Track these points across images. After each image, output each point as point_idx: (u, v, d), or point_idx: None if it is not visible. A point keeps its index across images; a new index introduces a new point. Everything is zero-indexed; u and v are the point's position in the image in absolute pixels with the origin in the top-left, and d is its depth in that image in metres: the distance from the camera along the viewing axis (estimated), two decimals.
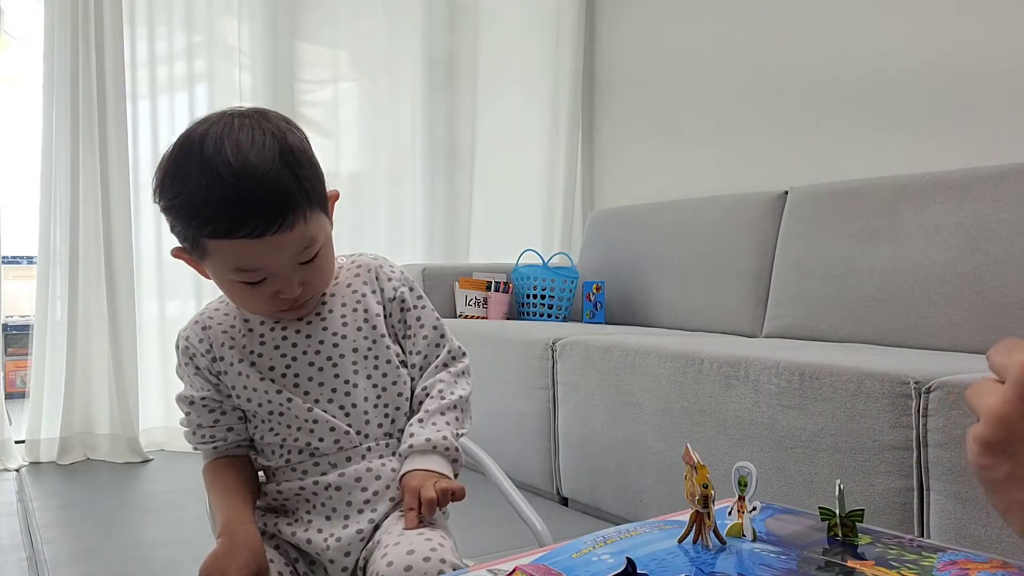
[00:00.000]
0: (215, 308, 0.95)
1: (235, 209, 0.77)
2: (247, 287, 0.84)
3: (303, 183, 0.82)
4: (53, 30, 2.56)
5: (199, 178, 0.78)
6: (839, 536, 0.70)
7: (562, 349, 2.08)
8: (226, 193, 0.77)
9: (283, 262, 0.82)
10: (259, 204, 0.78)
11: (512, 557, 0.70)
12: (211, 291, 2.87)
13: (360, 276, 0.95)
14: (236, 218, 0.78)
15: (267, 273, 0.82)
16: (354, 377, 0.89)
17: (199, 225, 0.80)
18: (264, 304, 0.86)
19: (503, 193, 3.40)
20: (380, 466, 0.88)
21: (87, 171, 2.58)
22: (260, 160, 0.79)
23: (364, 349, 0.91)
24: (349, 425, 0.88)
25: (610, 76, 3.42)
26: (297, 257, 0.83)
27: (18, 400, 3.07)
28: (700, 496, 0.67)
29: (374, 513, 0.86)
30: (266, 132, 0.81)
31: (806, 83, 2.57)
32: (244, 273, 0.82)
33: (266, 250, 0.80)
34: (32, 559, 1.75)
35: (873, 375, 1.38)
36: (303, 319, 0.91)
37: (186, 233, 0.83)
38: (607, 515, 1.97)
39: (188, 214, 0.81)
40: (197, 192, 0.78)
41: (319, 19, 3.03)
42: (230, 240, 0.79)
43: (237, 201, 0.77)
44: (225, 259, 0.81)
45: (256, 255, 0.80)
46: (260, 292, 0.84)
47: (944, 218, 1.96)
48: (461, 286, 2.84)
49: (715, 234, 2.56)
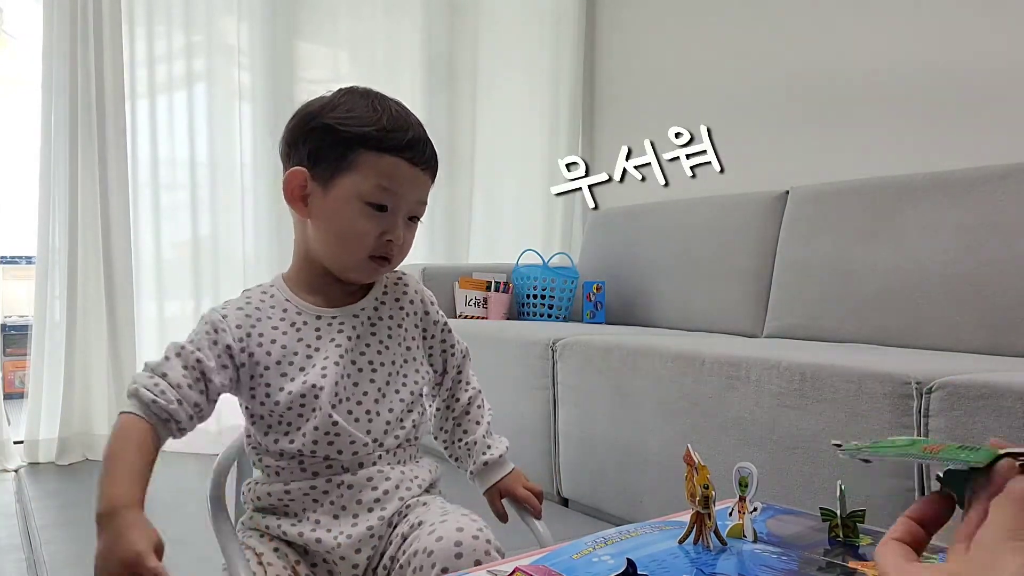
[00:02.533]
0: (261, 300, 0.91)
1: (413, 132, 0.89)
2: (368, 218, 0.87)
3: None
4: (52, 29, 2.55)
5: (381, 102, 0.90)
6: (840, 537, 0.70)
7: (562, 349, 2.08)
8: (405, 122, 0.89)
9: (411, 200, 0.90)
10: (425, 144, 0.90)
11: (512, 558, 0.69)
12: (211, 291, 2.89)
13: (408, 295, 0.99)
14: (414, 138, 0.88)
15: (396, 204, 0.88)
16: (386, 388, 0.92)
17: (378, 133, 0.87)
18: (371, 240, 0.88)
19: (503, 193, 3.40)
20: (390, 469, 0.90)
21: (86, 171, 2.58)
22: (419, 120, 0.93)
23: (400, 363, 0.94)
24: (368, 432, 0.89)
25: (610, 76, 3.42)
26: (418, 207, 0.91)
27: (17, 400, 3.06)
28: (701, 497, 0.67)
29: (384, 511, 0.87)
30: None
31: (807, 83, 2.57)
32: (384, 193, 0.87)
33: (413, 179, 0.89)
34: (31, 560, 1.74)
35: (874, 375, 1.38)
36: (358, 318, 0.93)
37: (345, 144, 0.87)
38: (607, 516, 1.97)
39: (359, 121, 0.87)
40: (380, 110, 0.89)
41: (319, 18, 3.02)
42: (395, 156, 0.87)
43: (413, 132, 0.89)
44: (373, 172, 0.87)
45: (405, 178, 0.88)
46: (375, 226, 0.88)
47: (945, 218, 1.96)
48: (461, 286, 2.83)
49: (716, 234, 2.56)
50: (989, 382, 1.23)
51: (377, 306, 0.95)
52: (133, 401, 0.80)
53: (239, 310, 0.90)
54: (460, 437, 1.02)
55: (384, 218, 0.88)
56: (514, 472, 1.01)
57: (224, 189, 2.83)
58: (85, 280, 2.60)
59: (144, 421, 0.79)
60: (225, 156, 2.83)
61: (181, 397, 0.81)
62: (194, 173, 2.81)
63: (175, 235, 2.81)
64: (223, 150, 2.84)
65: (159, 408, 0.79)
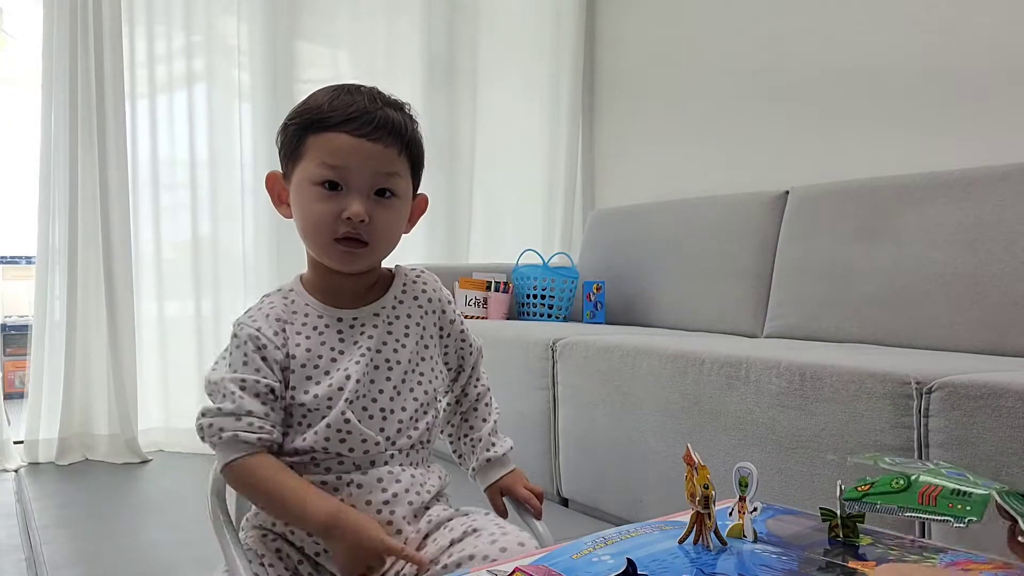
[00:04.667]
0: (284, 306, 0.91)
1: (350, 108, 0.86)
2: (321, 200, 0.86)
3: (412, 136, 0.91)
4: (52, 29, 2.55)
5: (338, 88, 0.89)
6: (840, 537, 0.70)
7: (562, 349, 2.08)
8: (350, 100, 0.87)
9: (364, 174, 0.87)
10: (372, 114, 0.87)
11: (512, 558, 0.69)
12: (211, 291, 2.89)
13: (427, 293, 0.99)
14: (357, 111, 0.86)
15: (345, 178, 0.86)
16: (401, 386, 0.91)
17: (312, 117, 0.87)
18: (330, 223, 0.86)
19: (503, 193, 3.39)
20: (401, 471, 0.89)
21: (86, 171, 2.58)
22: (388, 99, 0.91)
23: (416, 362, 0.93)
24: (382, 430, 0.88)
25: (610, 76, 3.42)
26: (377, 179, 0.87)
27: (17, 400, 3.06)
28: (701, 497, 0.67)
29: (392, 515, 0.86)
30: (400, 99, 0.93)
31: (807, 83, 2.57)
32: (329, 170, 0.86)
33: (358, 149, 0.86)
34: (31, 560, 1.74)
35: (874, 375, 1.38)
36: (379, 317, 0.93)
37: (295, 135, 0.88)
38: (607, 516, 1.97)
39: (307, 109, 0.88)
40: (326, 94, 0.89)
41: (319, 19, 3.02)
42: (332, 132, 0.86)
43: (357, 106, 0.87)
44: (317, 154, 0.86)
45: (348, 150, 0.86)
46: (332, 207, 0.86)
47: (945, 218, 1.96)
48: (461, 286, 2.83)
49: (716, 234, 2.56)
50: (989, 382, 1.23)
51: (395, 304, 0.95)
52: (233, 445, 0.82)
53: (268, 317, 0.89)
54: (466, 432, 1.02)
55: (338, 197, 0.86)
56: (515, 472, 1.01)
57: (224, 189, 2.83)
58: (85, 280, 2.60)
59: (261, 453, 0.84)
60: (225, 156, 2.83)
61: (273, 424, 0.85)
62: (194, 173, 2.81)
63: (175, 235, 2.81)
64: (223, 150, 2.84)
65: (266, 442, 0.84)
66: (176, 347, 2.80)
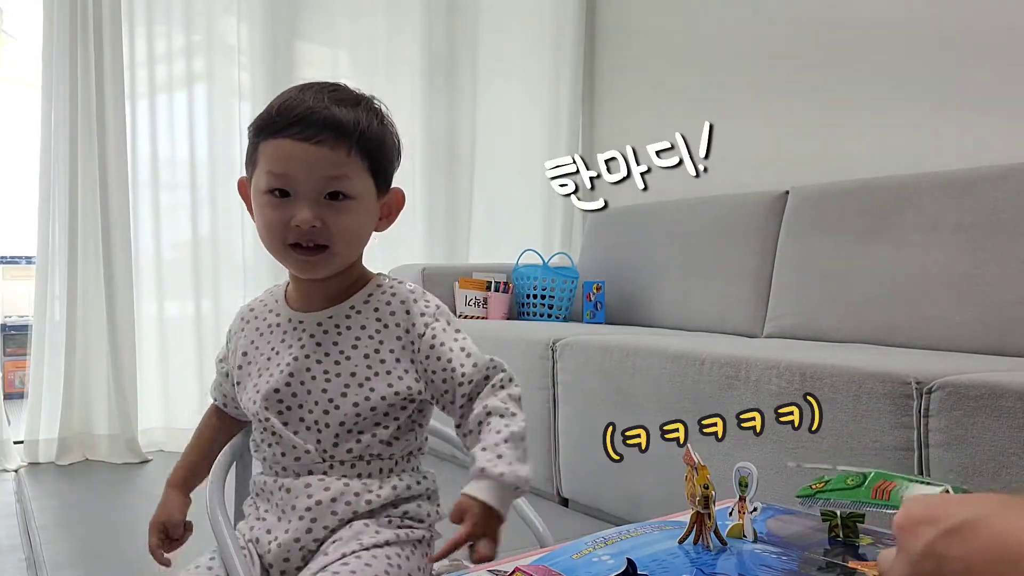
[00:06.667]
0: (262, 300, 0.98)
1: (295, 111, 0.83)
2: (272, 207, 0.84)
3: (367, 134, 0.85)
4: (52, 29, 2.55)
5: (294, 88, 0.87)
6: (840, 537, 0.70)
7: (562, 349, 2.08)
8: (299, 101, 0.84)
9: (311, 180, 0.83)
10: (316, 115, 0.83)
11: (512, 558, 0.69)
12: (211, 291, 2.89)
13: (391, 305, 0.90)
14: (292, 118, 0.83)
15: (292, 186, 0.84)
16: (340, 399, 0.86)
17: (262, 122, 0.85)
18: (280, 231, 0.84)
19: (503, 193, 3.39)
20: (334, 480, 0.86)
21: (86, 171, 2.58)
22: (343, 95, 0.86)
23: (362, 377, 0.87)
24: (318, 442, 0.86)
25: (610, 77, 3.42)
26: (326, 183, 0.84)
27: (17, 400, 3.06)
28: (701, 497, 0.67)
29: (314, 523, 0.84)
30: (363, 93, 0.89)
31: (807, 82, 2.57)
32: (275, 178, 0.84)
33: (302, 156, 0.82)
34: (31, 560, 1.74)
35: (874, 375, 1.38)
36: (322, 327, 0.89)
37: (252, 141, 0.88)
38: (607, 516, 1.97)
39: (263, 113, 0.86)
40: (282, 96, 0.86)
41: (319, 19, 3.02)
42: (277, 139, 0.83)
43: (302, 107, 0.83)
44: (266, 162, 0.85)
45: (292, 157, 0.83)
46: (281, 215, 0.84)
47: (944, 218, 1.96)
48: (461, 286, 2.83)
49: (716, 234, 2.56)
50: (989, 382, 1.23)
51: (350, 313, 0.90)
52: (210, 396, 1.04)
53: (247, 309, 0.99)
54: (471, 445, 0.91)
55: (287, 204, 0.84)
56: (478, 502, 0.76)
57: (224, 189, 2.83)
58: (85, 280, 2.60)
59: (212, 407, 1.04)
60: (225, 156, 2.83)
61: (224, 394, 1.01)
62: (194, 173, 2.81)
63: (175, 235, 2.82)
64: (223, 150, 2.84)
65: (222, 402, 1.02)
66: (176, 347, 2.80)
